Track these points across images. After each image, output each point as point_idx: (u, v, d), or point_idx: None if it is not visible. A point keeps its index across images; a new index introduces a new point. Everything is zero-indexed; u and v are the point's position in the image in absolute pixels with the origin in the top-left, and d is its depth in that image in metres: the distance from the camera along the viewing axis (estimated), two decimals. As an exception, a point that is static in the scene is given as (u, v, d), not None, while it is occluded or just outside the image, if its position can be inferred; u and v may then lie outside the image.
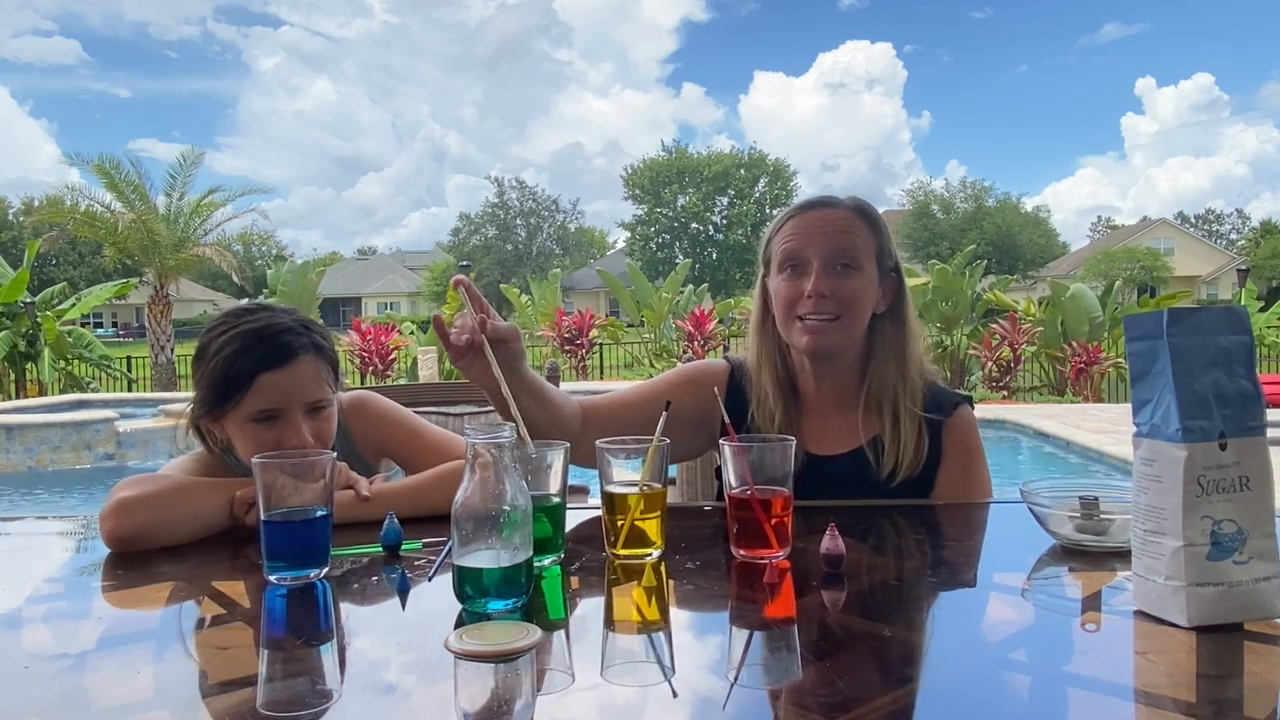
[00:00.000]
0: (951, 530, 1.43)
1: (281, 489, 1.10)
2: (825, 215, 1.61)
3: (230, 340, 1.44)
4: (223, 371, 1.42)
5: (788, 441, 1.15)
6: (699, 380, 1.67)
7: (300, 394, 1.44)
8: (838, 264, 1.56)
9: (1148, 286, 42.23)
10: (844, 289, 1.56)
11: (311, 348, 1.47)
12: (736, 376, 1.70)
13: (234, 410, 1.42)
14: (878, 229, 1.63)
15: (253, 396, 1.41)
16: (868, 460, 1.59)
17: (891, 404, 1.60)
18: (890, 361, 1.62)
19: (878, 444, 1.60)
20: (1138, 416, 0.95)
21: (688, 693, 0.78)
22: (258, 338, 1.43)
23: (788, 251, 1.60)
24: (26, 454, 9.20)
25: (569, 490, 1.20)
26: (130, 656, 0.89)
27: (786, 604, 1.04)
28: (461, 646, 0.85)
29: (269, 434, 1.41)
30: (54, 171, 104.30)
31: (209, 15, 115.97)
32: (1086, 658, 0.88)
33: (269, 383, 1.41)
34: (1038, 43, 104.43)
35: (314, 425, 1.45)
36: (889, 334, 1.64)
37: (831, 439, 1.63)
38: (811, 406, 1.67)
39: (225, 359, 1.42)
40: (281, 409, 1.42)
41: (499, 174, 68.81)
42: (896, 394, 1.60)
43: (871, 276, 1.60)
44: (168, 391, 15.88)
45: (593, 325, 17.92)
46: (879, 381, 1.62)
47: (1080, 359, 13.59)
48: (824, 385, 1.65)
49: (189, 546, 1.27)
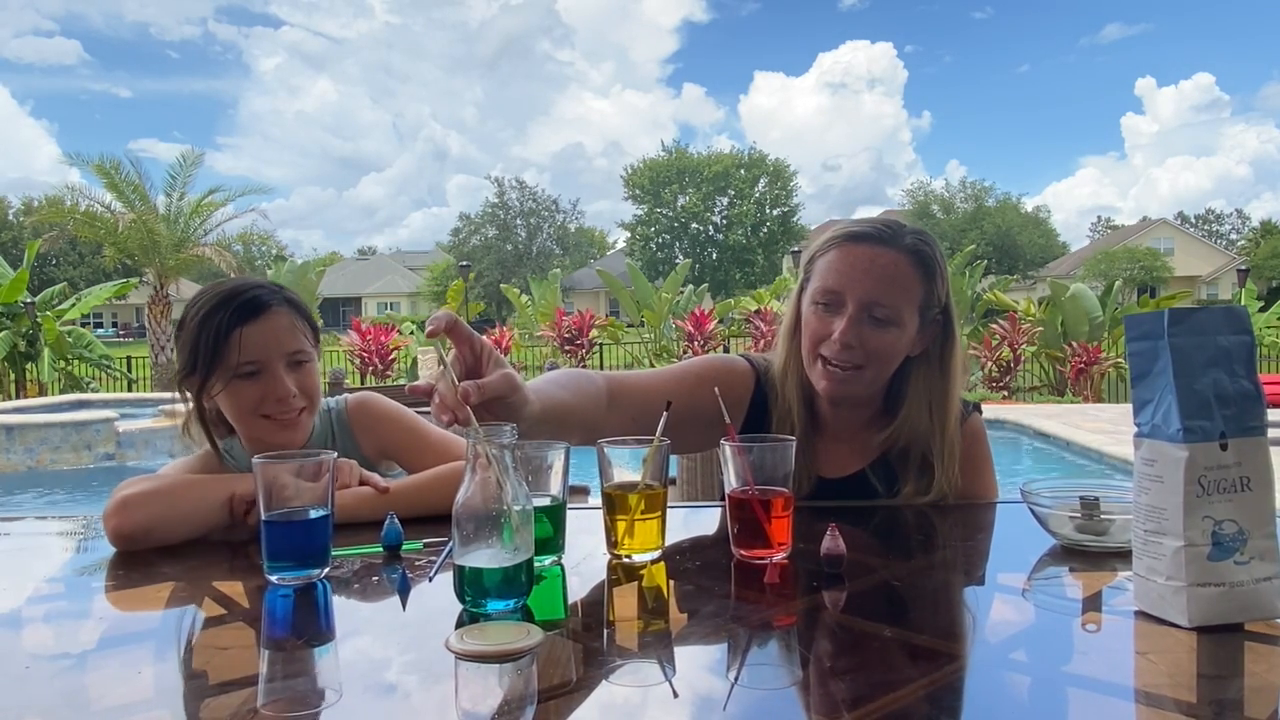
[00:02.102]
0: (952, 531, 1.43)
1: (282, 489, 1.10)
2: (874, 255, 1.46)
3: (205, 304, 1.49)
4: (202, 333, 1.46)
5: (788, 442, 1.15)
6: (727, 379, 1.56)
7: (279, 345, 1.48)
8: (873, 313, 1.44)
9: (1148, 287, 42.24)
10: (874, 341, 1.45)
11: (284, 302, 1.52)
12: (761, 381, 1.60)
13: (218, 371, 1.46)
14: (931, 275, 1.49)
15: (232, 351, 1.44)
16: (871, 483, 1.55)
17: (921, 452, 1.51)
18: (921, 410, 1.51)
19: (880, 467, 1.54)
20: (1138, 417, 0.95)
21: (688, 693, 0.78)
22: (230, 295, 1.48)
23: (824, 286, 1.47)
24: (26, 454, 9.20)
25: (569, 490, 1.20)
26: (131, 657, 0.89)
27: (787, 604, 1.04)
28: (462, 647, 0.85)
29: (253, 388, 1.45)
30: (54, 171, 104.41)
31: (210, 15, 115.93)
32: (1087, 658, 0.88)
33: (246, 336, 1.45)
34: (1039, 43, 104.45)
35: (297, 378, 1.49)
36: (923, 377, 1.52)
37: (840, 463, 1.58)
38: (827, 427, 1.60)
39: (201, 321, 1.47)
40: (262, 360, 1.46)
41: (500, 174, 68.91)
42: (927, 444, 1.51)
43: (910, 329, 1.47)
44: (168, 391, 15.84)
45: (593, 325, 17.93)
46: (909, 430, 1.52)
47: (1080, 359, 13.60)
48: (840, 413, 1.58)
49: (189, 547, 1.27)
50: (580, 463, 1.38)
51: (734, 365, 1.63)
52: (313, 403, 1.52)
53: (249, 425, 1.50)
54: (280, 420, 1.48)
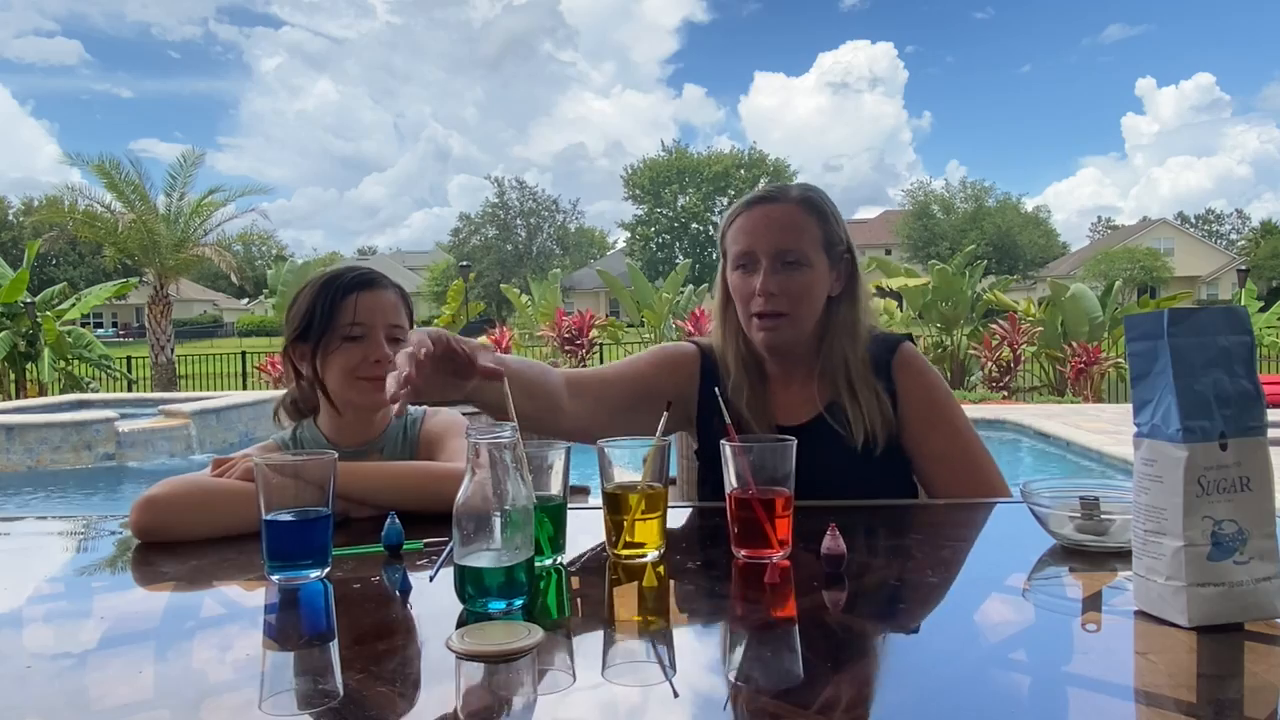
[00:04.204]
0: (952, 530, 1.43)
1: (282, 489, 1.10)
2: (770, 212, 1.64)
3: (323, 277, 1.68)
4: (319, 297, 1.62)
5: (788, 442, 1.15)
6: (677, 363, 1.74)
7: (385, 314, 1.63)
8: (784, 261, 1.60)
9: (1148, 287, 42.24)
10: (792, 285, 1.61)
11: (393, 287, 1.69)
12: (707, 359, 1.75)
13: (329, 331, 1.60)
14: (825, 218, 1.66)
15: (344, 312, 1.60)
16: (830, 426, 1.64)
17: (846, 377, 1.65)
18: (841, 338, 1.67)
19: (838, 410, 1.65)
20: (1138, 417, 0.95)
21: (688, 693, 0.78)
22: (348, 270, 1.67)
23: (738, 250, 1.65)
24: (26, 454, 9.20)
25: (570, 490, 1.20)
26: (131, 656, 0.89)
27: (787, 604, 1.04)
28: (463, 646, 0.85)
29: (356, 349, 1.59)
30: (55, 172, 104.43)
31: (211, 16, 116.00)
32: (1087, 658, 0.88)
33: (359, 301, 1.61)
34: (1040, 43, 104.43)
35: (394, 349, 1.56)
36: (844, 314, 1.68)
37: (795, 409, 1.69)
38: (776, 379, 1.73)
39: (320, 288, 1.64)
40: (369, 325, 1.60)
41: (501, 174, 68.89)
42: (849, 367, 1.65)
43: (821, 268, 1.63)
44: (168, 391, 15.88)
45: (593, 325, 17.91)
46: (830, 359, 1.67)
47: (1080, 359, 13.59)
48: (784, 362, 1.72)
49: (189, 546, 1.28)
50: (580, 463, 1.38)
51: (680, 348, 1.79)
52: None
53: (345, 387, 1.61)
54: (373, 381, 1.58)
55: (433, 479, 1.42)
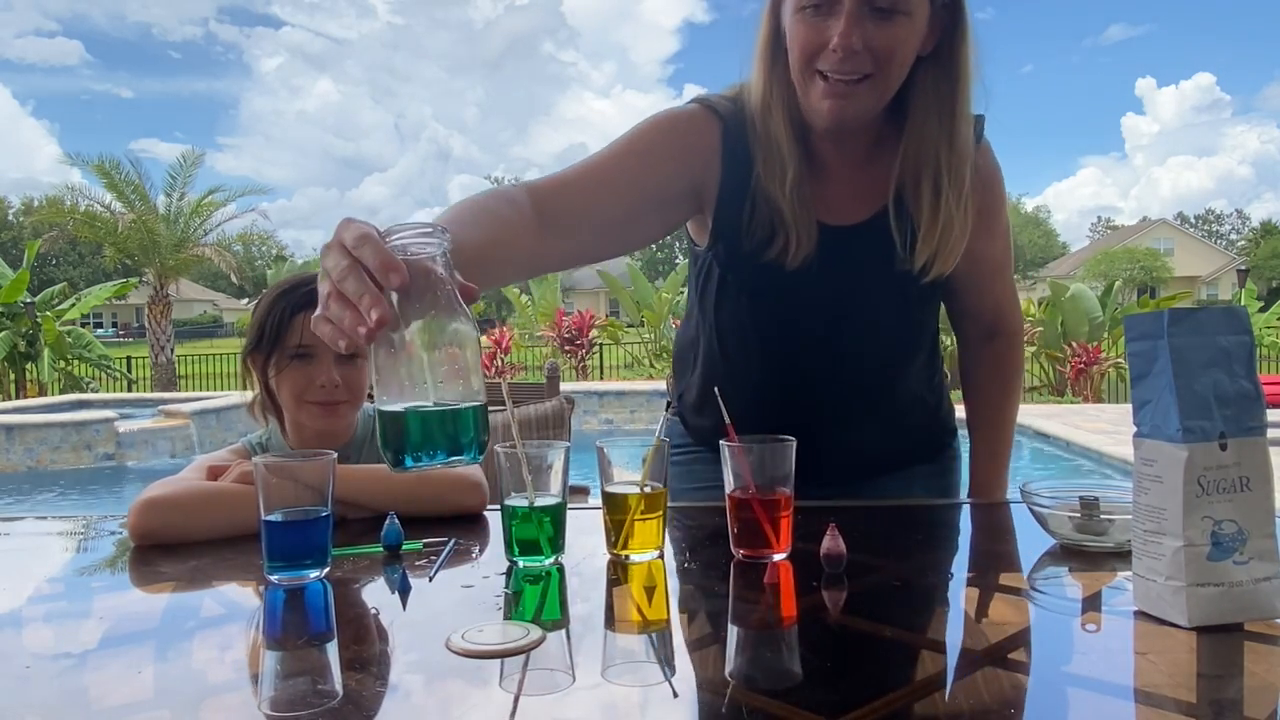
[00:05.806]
0: (952, 530, 1.43)
1: (281, 489, 1.10)
2: None
3: (279, 288, 1.66)
4: (270, 312, 1.60)
5: (788, 442, 1.15)
6: (689, 144, 1.33)
7: None
8: (875, 3, 1.18)
9: (1148, 287, 42.25)
10: (881, 38, 1.19)
11: None
12: (731, 133, 1.34)
13: (278, 348, 1.59)
14: None
15: (291, 333, 1.58)
16: (889, 232, 1.31)
17: (933, 175, 1.28)
18: (933, 117, 1.27)
19: (904, 212, 1.31)
20: (1138, 417, 0.95)
21: (687, 693, 0.78)
22: (299, 286, 1.63)
23: None
24: (26, 454, 9.20)
25: (570, 490, 1.20)
26: (131, 657, 0.89)
27: (787, 604, 1.04)
28: (462, 646, 0.85)
29: (302, 371, 1.57)
30: (55, 171, 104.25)
31: (212, 16, 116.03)
32: (1086, 658, 0.88)
33: (304, 321, 1.54)
34: (1042, 43, 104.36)
35: (344, 372, 1.57)
36: (931, 79, 1.27)
37: (847, 204, 1.34)
38: (826, 169, 1.34)
39: (272, 301, 1.62)
40: (314, 346, 1.56)
41: (502, 174, 68.76)
42: (939, 162, 1.28)
43: (920, 18, 1.21)
44: (167, 391, 15.88)
45: (593, 325, 17.94)
46: (917, 144, 1.28)
47: (1080, 359, 13.59)
48: (840, 146, 1.34)
49: (188, 547, 1.27)
50: (580, 462, 1.38)
51: (691, 118, 1.35)
52: (355, 398, 1.60)
53: (295, 410, 1.59)
54: (321, 406, 1.56)
55: (427, 482, 1.42)
